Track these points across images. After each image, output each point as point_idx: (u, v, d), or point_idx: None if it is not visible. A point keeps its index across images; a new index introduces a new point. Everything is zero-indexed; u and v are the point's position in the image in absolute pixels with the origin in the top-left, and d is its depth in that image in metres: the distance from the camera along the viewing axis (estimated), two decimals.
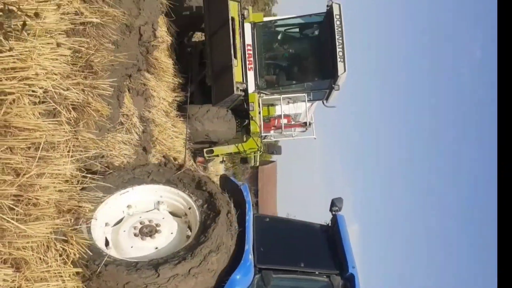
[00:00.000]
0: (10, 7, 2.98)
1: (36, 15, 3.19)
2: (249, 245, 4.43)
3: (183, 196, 4.82)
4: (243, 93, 8.95)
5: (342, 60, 9.09)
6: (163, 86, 8.19)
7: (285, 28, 10.36)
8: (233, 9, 8.91)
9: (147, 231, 4.47)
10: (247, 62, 9.28)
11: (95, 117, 4.65)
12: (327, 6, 9.41)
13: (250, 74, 9.37)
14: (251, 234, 4.59)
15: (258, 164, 12.65)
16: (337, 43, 9.11)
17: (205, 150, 10.33)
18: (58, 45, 3.86)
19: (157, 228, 4.50)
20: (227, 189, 5.29)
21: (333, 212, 5.61)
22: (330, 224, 5.60)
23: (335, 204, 5.63)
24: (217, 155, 11.25)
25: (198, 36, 11.50)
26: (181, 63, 9.50)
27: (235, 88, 8.42)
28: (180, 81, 9.10)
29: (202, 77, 9.63)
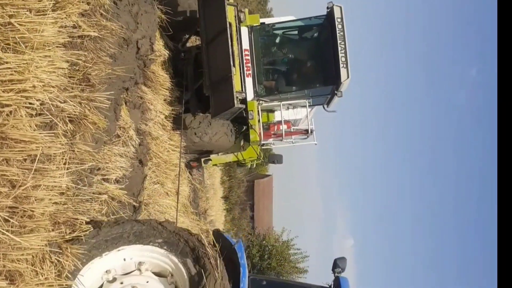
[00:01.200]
0: None
1: None
2: None
3: (172, 259, 4.42)
4: (243, 106, 8.63)
5: (345, 66, 8.78)
6: (160, 99, 8.20)
7: (283, 30, 10.01)
8: (230, 14, 8.60)
9: None
10: (245, 69, 8.92)
11: (91, 130, 4.65)
12: (327, 8, 9.07)
13: (248, 81, 9.01)
14: None
15: (255, 166, 12.48)
16: (339, 48, 8.78)
17: (202, 159, 10.21)
18: None
19: None
20: (220, 246, 4.88)
21: (336, 274, 5.27)
22: (332, 286, 5.26)
23: (337, 265, 5.28)
24: (216, 164, 11.15)
25: (192, 40, 11.19)
26: (177, 75, 9.36)
27: (235, 101, 8.08)
28: (177, 94, 9.09)
29: (199, 85, 9.35)
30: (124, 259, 4.38)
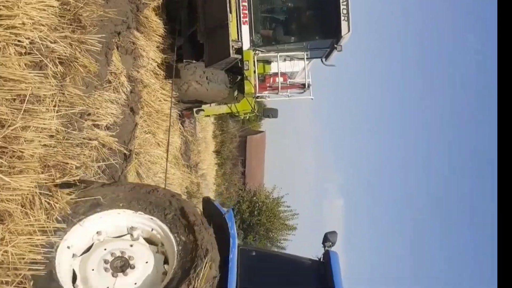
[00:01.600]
0: None
1: None
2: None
3: (161, 225, 4.29)
4: (239, 56, 8.29)
5: (346, 19, 8.45)
6: (153, 46, 8.00)
7: None
8: None
9: (120, 265, 4.04)
10: (242, 15, 8.45)
11: (82, 73, 4.55)
12: None
13: (245, 29, 8.55)
14: (234, 275, 4.19)
15: (248, 118, 12.23)
16: (341, 0, 8.46)
17: (195, 109, 10.04)
18: None
19: (131, 262, 4.06)
20: (210, 214, 4.87)
21: (326, 248, 5.16)
22: (321, 259, 5.16)
23: (328, 239, 5.17)
24: (208, 116, 10.98)
25: None
26: (170, 20, 9.02)
27: (231, 51, 7.77)
28: (170, 42, 8.88)
29: (193, 31, 9.04)
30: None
